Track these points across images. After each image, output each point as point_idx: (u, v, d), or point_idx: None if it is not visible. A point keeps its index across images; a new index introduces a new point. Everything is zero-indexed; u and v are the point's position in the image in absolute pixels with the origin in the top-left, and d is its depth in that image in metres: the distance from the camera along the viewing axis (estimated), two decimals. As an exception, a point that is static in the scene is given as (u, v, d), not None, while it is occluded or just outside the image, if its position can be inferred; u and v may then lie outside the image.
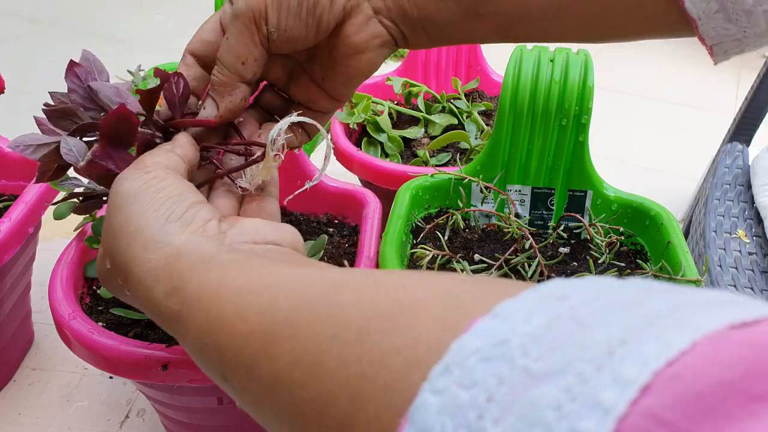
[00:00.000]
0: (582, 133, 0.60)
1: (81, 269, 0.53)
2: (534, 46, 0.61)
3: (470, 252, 0.60)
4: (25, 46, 1.71)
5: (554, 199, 0.64)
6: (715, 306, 0.16)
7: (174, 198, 0.32)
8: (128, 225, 0.31)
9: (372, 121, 0.83)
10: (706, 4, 0.33)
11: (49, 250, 0.73)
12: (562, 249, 0.62)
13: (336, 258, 0.58)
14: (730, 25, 0.33)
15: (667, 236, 0.56)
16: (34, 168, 0.63)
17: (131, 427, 0.71)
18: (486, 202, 0.64)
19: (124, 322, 0.51)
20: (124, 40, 1.59)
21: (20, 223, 0.56)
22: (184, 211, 0.32)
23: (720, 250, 1.16)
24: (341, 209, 0.64)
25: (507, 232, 0.60)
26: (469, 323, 0.18)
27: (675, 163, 1.30)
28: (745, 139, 1.40)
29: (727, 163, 1.35)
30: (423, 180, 0.63)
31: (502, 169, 0.63)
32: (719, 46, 0.35)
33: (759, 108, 1.37)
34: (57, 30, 1.62)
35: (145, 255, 0.30)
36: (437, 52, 0.93)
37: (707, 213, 1.24)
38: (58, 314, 0.48)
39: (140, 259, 0.30)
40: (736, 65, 1.69)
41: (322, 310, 0.24)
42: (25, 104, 1.85)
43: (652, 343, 0.15)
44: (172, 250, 0.30)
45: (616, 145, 1.30)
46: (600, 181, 0.63)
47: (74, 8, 1.82)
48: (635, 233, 0.62)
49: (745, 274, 1.11)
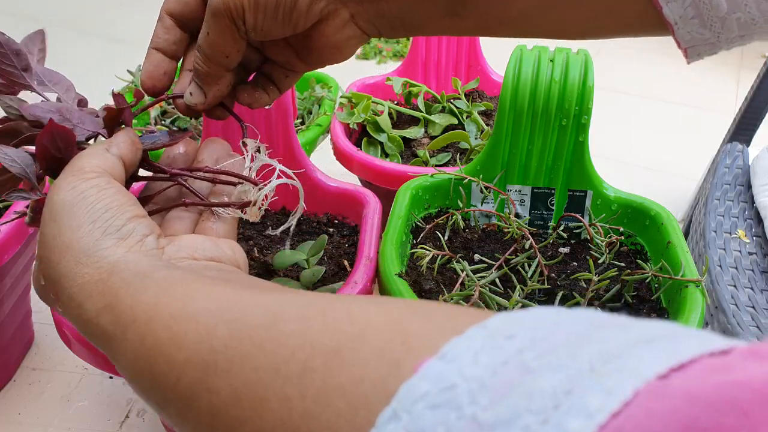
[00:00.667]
0: (582, 133, 0.60)
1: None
2: (534, 46, 0.61)
3: (470, 252, 0.60)
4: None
5: (554, 199, 0.64)
6: (657, 344, 0.16)
7: (113, 210, 0.31)
8: (61, 237, 0.30)
9: (372, 121, 0.83)
10: (683, 10, 0.34)
11: (49, 250, 0.73)
12: (562, 249, 0.62)
13: (336, 258, 0.58)
14: (705, 30, 0.34)
15: (667, 236, 0.56)
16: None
17: (131, 427, 0.71)
18: (486, 202, 0.64)
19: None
20: (124, 40, 1.59)
21: (20, 223, 0.56)
22: (122, 225, 0.31)
23: (720, 250, 1.16)
24: (341, 209, 0.64)
25: (507, 232, 0.60)
26: (416, 363, 0.18)
27: (675, 163, 1.30)
28: (745, 139, 1.40)
29: (727, 163, 1.35)
30: (423, 180, 0.63)
31: (502, 169, 0.63)
32: (693, 49, 0.36)
33: (759, 108, 1.37)
34: (57, 30, 1.62)
35: (77, 270, 0.29)
36: (437, 52, 0.93)
37: (707, 213, 1.24)
38: (58, 314, 0.48)
39: (72, 274, 0.29)
40: (736, 65, 1.69)
41: (263, 340, 0.22)
42: (25, 104, 1.81)
43: (596, 394, 0.15)
44: (107, 265, 0.29)
45: (616, 145, 1.30)
46: (600, 181, 0.63)
47: (74, 8, 1.82)
48: (635, 233, 0.62)
49: (745, 274, 1.11)
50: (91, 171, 0.32)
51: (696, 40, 0.35)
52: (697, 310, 0.48)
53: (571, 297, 0.54)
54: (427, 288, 0.54)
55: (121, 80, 0.87)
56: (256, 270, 0.56)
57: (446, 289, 0.54)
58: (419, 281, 0.54)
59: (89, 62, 1.32)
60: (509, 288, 0.55)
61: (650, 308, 0.54)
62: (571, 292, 0.55)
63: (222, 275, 0.31)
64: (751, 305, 1.05)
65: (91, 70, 1.13)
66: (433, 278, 0.55)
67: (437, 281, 0.55)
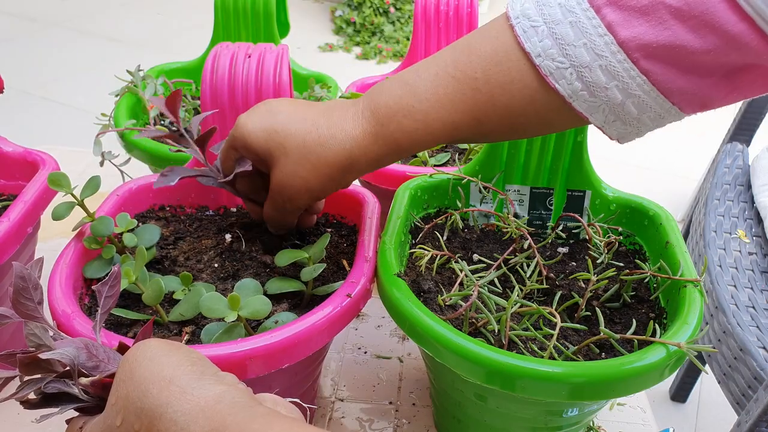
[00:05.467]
0: (581, 133, 0.60)
1: (80, 269, 0.53)
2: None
3: (469, 252, 0.60)
4: (25, 46, 1.71)
5: (553, 199, 0.64)
6: None
7: (205, 360, 0.35)
8: (163, 372, 0.33)
9: (371, 121, 0.83)
10: (604, 117, 0.44)
11: (48, 250, 0.73)
12: (560, 249, 0.62)
13: (334, 257, 0.58)
14: (627, 126, 0.44)
15: (665, 236, 0.56)
16: (34, 168, 0.64)
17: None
18: (485, 202, 0.64)
19: (124, 322, 0.51)
20: (124, 40, 1.59)
21: (19, 222, 0.56)
22: (216, 371, 0.34)
23: (720, 250, 1.16)
24: (340, 209, 0.64)
25: (506, 232, 0.60)
26: None
27: (675, 163, 1.30)
28: (745, 139, 1.40)
29: (727, 163, 1.35)
30: (422, 180, 0.63)
31: (500, 169, 0.63)
32: (623, 137, 0.47)
33: (759, 108, 1.37)
34: (57, 30, 1.62)
35: (182, 398, 0.31)
36: (437, 52, 0.93)
37: (707, 213, 1.24)
38: (57, 314, 0.48)
39: (177, 402, 0.31)
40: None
41: None
42: (25, 104, 1.86)
43: None
44: (213, 395, 0.32)
45: (616, 145, 1.30)
46: (599, 181, 0.63)
47: (74, 8, 1.82)
48: (634, 233, 0.62)
49: (745, 274, 1.11)
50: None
51: (621, 133, 0.46)
52: (695, 309, 0.48)
53: (569, 297, 0.54)
54: (425, 288, 0.54)
55: (120, 80, 0.87)
56: (255, 269, 0.56)
57: (445, 289, 0.55)
58: (418, 281, 0.54)
59: (89, 62, 1.31)
60: (508, 288, 0.55)
61: (649, 308, 0.54)
62: (570, 292, 0.55)
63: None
64: (751, 305, 1.05)
65: (91, 70, 1.13)
66: (431, 278, 0.55)
67: (436, 281, 0.55)
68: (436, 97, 0.46)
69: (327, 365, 0.68)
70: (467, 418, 0.54)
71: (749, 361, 0.95)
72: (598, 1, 0.40)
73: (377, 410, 0.63)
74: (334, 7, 3.58)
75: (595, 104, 0.43)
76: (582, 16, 0.41)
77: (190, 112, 0.87)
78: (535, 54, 0.42)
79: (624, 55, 0.40)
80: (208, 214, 0.65)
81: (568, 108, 0.44)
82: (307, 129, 0.48)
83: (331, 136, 0.48)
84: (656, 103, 0.42)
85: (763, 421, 0.92)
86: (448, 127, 0.46)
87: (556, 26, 0.41)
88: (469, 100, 0.45)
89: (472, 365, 0.44)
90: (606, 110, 0.43)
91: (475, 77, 0.45)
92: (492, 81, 0.44)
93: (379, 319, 0.74)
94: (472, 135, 0.48)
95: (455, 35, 0.91)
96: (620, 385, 0.43)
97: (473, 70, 0.45)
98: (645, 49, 0.40)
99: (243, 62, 0.59)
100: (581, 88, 0.42)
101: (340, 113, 0.49)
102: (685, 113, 0.44)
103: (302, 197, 0.50)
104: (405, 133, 0.47)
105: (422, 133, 0.47)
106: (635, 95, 0.42)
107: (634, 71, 0.40)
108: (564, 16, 0.41)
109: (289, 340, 0.45)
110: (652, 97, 0.42)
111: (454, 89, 0.45)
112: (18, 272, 0.38)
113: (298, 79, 0.93)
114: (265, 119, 0.50)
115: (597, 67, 0.41)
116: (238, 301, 0.45)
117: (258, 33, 0.95)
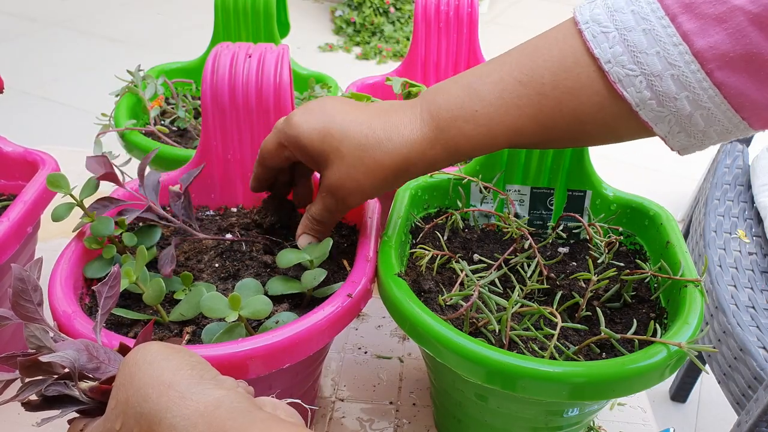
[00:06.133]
0: (581, 133, 0.60)
1: (80, 269, 0.53)
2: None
3: (469, 252, 0.60)
4: (25, 46, 1.71)
5: (553, 199, 0.64)
6: None
7: (205, 363, 0.35)
8: (162, 377, 0.33)
9: (371, 121, 0.83)
10: (668, 128, 0.43)
11: (48, 250, 0.73)
12: (561, 249, 0.62)
13: (335, 258, 0.58)
14: (691, 138, 0.44)
15: (666, 236, 0.56)
16: (34, 168, 0.63)
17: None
18: (485, 202, 0.64)
19: (125, 322, 0.51)
20: (124, 40, 1.59)
21: (19, 222, 0.56)
22: (216, 375, 0.34)
23: (720, 250, 1.16)
24: (340, 209, 0.64)
25: (506, 232, 0.60)
26: None
27: (675, 163, 1.30)
28: (745, 139, 1.40)
29: (727, 163, 1.35)
30: (422, 180, 0.63)
31: (501, 169, 0.63)
32: (684, 150, 0.45)
33: (759, 108, 1.36)
34: (57, 30, 1.62)
35: (182, 402, 0.31)
36: (437, 52, 0.93)
37: (707, 213, 1.24)
38: (57, 314, 0.48)
39: (177, 406, 0.31)
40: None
41: None
42: (25, 104, 1.86)
43: None
44: (213, 400, 0.32)
45: (616, 145, 1.30)
46: (599, 181, 0.63)
47: (74, 8, 1.82)
48: (634, 233, 0.62)
49: (745, 274, 1.11)
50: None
51: (684, 145, 0.44)
52: (696, 309, 0.48)
53: (570, 297, 0.54)
54: (426, 288, 0.54)
55: (120, 80, 0.87)
56: (255, 269, 0.56)
57: (445, 289, 0.55)
58: (418, 281, 0.54)
59: (89, 62, 1.31)
60: (508, 288, 0.55)
61: (649, 308, 0.54)
62: (571, 292, 0.55)
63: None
64: (751, 305, 1.05)
65: (91, 70, 1.13)
66: (432, 278, 0.55)
67: (436, 281, 0.55)
68: (501, 101, 0.45)
69: (327, 365, 0.68)
70: (468, 418, 0.54)
71: (749, 361, 0.95)
72: (673, 9, 0.39)
73: (377, 410, 0.63)
74: (334, 7, 3.58)
75: (662, 114, 0.42)
76: (657, 24, 0.40)
77: (191, 112, 0.87)
78: (605, 60, 0.42)
79: (698, 65, 0.39)
80: (208, 214, 0.64)
81: (635, 116, 0.43)
82: (363, 132, 0.48)
83: (387, 139, 0.47)
84: (725, 117, 0.41)
85: (763, 421, 0.92)
86: (512, 132, 0.45)
87: (628, 33, 0.41)
88: (536, 105, 0.44)
89: (472, 365, 0.44)
90: (672, 121, 0.42)
91: (542, 82, 0.44)
92: (560, 86, 0.44)
93: (379, 319, 0.74)
94: (536, 141, 0.47)
95: (455, 35, 0.91)
96: (621, 385, 0.43)
97: (540, 75, 0.44)
98: (721, 59, 0.39)
99: (243, 62, 0.59)
100: (650, 97, 0.41)
101: (397, 115, 0.48)
102: (754, 129, 0.43)
103: (355, 199, 0.50)
104: (466, 138, 0.46)
105: (484, 138, 0.46)
106: (705, 107, 0.41)
107: (706, 82, 0.40)
108: (637, 24, 0.41)
109: (290, 340, 0.45)
110: (722, 110, 0.41)
111: (520, 94, 0.45)
112: (17, 274, 0.37)
113: (298, 79, 0.93)
114: (321, 120, 0.49)
115: (668, 77, 0.40)
116: (238, 301, 0.45)
117: (258, 33, 0.95)
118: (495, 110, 0.45)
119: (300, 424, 0.35)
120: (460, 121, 0.46)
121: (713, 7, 0.38)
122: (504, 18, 3.68)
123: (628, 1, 0.41)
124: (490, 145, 0.46)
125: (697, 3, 0.39)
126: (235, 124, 0.60)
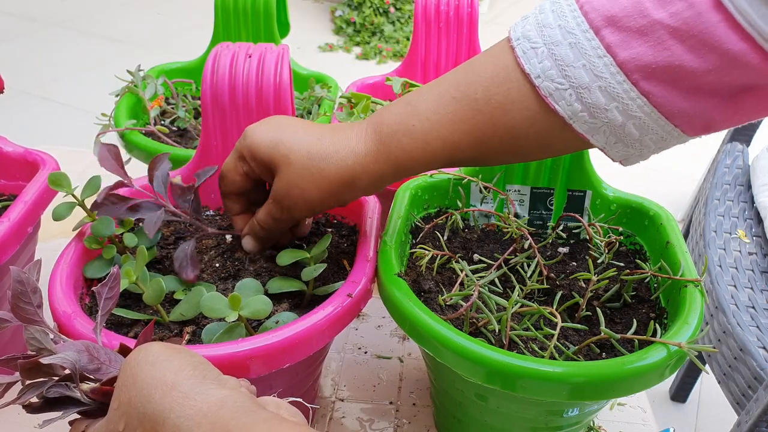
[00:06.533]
0: (581, 133, 0.60)
1: (80, 269, 0.53)
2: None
3: (469, 252, 0.60)
4: (25, 46, 1.71)
5: (553, 199, 0.64)
6: None
7: (207, 363, 0.35)
8: (165, 377, 0.33)
9: (371, 121, 0.83)
10: (605, 139, 0.43)
11: (48, 250, 0.73)
12: (561, 249, 0.62)
13: (335, 258, 0.58)
14: (629, 148, 0.44)
15: (666, 236, 0.56)
16: (34, 168, 0.64)
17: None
18: (485, 202, 0.64)
19: (125, 322, 0.51)
20: (124, 40, 1.59)
21: (19, 222, 0.56)
22: (218, 374, 0.35)
23: (720, 250, 1.16)
24: (340, 209, 0.64)
25: (506, 232, 0.60)
26: None
27: (675, 163, 1.30)
28: (745, 139, 1.40)
29: (727, 163, 1.35)
30: (422, 180, 0.63)
31: (501, 168, 0.63)
32: (626, 160, 0.46)
33: (759, 108, 1.36)
34: (57, 30, 1.62)
35: (185, 403, 0.32)
36: (437, 53, 0.93)
37: (707, 213, 1.24)
38: (58, 314, 0.48)
39: (180, 407, 0.32)
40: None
41: None
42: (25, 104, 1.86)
43: None
44: (216, 400, 0.32)
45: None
46: (599, 181, 0.63)
47: (74, 8, 1.82)
48: (634, 233, 0.62)
49: (745, 274, 1.11)
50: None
51: (624, 155, 0.45)
52: (696, 309, 0.48)
53: (570, 297, 0.54)
54: (426, 288, 0.54)
55: (120, 80, 0.87)
56: (255, 269, 0.56)
57: (445, 289, 0.55)
58: (418, 281, 0.54)
59: (89, 62, 1.32)
60: (508, 288, 0.55)
61: (649, 308, 0.54)
62: (570, 292, 0.55)
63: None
64: (751, 305, 1.05)
65: (91, 70, 1.13)
66: (432, 278, 0.55)
67: (436, 281, 0.55)
68: (436, 117, 0.46)
69: (327, 365, 0.68)
70: (468, 418, 0.54)
71: (749, 361, 0.95)
72: (597, 23, 0.40)
73: (377, 410, 0.63)
74: (334, 7, 3.58)
75: (596, 125, 0.43)
76: (581, 37, 0.41)
77: (191, 112, 0.87)
78: (535, 75, 0.42)
79: (623, 76, 0.40)
80: (208, 215, 0.65)
81: (569, 129, 0.44)
82: (312, 141, 0.49)
83: (334, 151, 0.48)
84: (657, 125, 0.42)
85: (763, 421, 0.92)
86: (448, 147, 0.46)
87: (555, 47, 0.42)
88: (470, 121, 0.45)
89: (472, 365, 0.44)
90: (607, 132, 0.43)
91: (475, 98, 0.45)
92: (492, 102, 0.44)
93: (379, 319, 0.74)
94: (475, 156, 0.48)
95: (455, 35, 0.92)
96: (621, 385, 0.43)
97: (474, 91, 0.45)
98: (644, 70, 0.39)
99: (243, 62, 0.59)
100: (581, 110, 0.42)
101: (345, 132, 0.49)
102: (688, 135, 0.43)
103: (299, 209, 0.50)
104: (405, 152, 0.47)
105: (421, 153, 0.47)
106: (636, 116, 0.41)
107: (633, 92, 0.40)
108: (564, 38, 0.41)
109: (290, 339, 0.45)
110: (653, 119, 0.41)
111: (455, 109, 0.46)
112: (16, 276, 0.37)
113: (298, 79, 0.93)
114: (273, 130, 0.50)
115: (596, 88, 0.41)
116: (238, 301, 0.45)
117: (258, 33, 0.95)
118: (431, 125, 0.46)
119: (303, 423, 0.35)
120: (399, 135, 0.47)
121: (634, 20, 0.39)
122: (504, 18, 3.68)
123: (555, 16, 0.42)
124: (429, 159, 0.47)
125: (619, 17, 0.39)
126: (235, 124, 0.60)
